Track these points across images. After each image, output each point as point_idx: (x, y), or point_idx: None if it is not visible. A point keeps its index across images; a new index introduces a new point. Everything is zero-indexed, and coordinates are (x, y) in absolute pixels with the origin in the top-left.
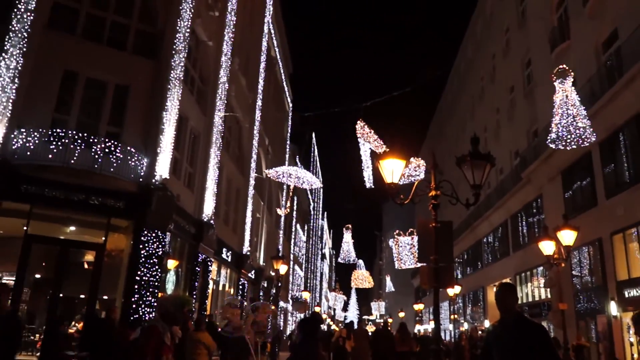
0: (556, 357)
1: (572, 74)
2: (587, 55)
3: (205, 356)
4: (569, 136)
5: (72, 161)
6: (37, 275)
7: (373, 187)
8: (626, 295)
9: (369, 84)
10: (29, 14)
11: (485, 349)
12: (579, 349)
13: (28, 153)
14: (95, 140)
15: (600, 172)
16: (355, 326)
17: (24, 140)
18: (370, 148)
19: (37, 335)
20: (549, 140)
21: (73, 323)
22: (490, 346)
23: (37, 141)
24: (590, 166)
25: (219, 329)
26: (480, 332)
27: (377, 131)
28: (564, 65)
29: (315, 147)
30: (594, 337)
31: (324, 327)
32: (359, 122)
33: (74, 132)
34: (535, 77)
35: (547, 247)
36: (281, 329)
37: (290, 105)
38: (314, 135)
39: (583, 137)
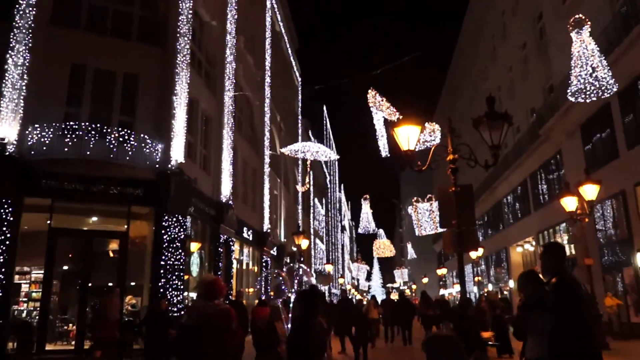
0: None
1: (589, 23)
2: (600, 3)
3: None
4: (589, 88)
5: (88, 153)
6: (65, 267)
7: (389, 155)
8: None
9: (378, 52)
10: (31, 9)
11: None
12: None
13: (44, 148)
14: (109, 130)
15: (620, 123)
16: (383, 296)
17: (39, 135)
18: (383, 116)
19: (70, 325)
20: (569, 93)
21: None
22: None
23: (51, 136)
24: (609, 117)
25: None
26: (500, 295)
27: (389, 99)
28: (580, 15)
29: (328, 120)
30: (621, 290)
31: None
32: (370, 91)
33: (87, 124)
34: (548, 31)
35: (569, 203)
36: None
37: (300, 80)
38: (325, 108)
39: (604, 88)
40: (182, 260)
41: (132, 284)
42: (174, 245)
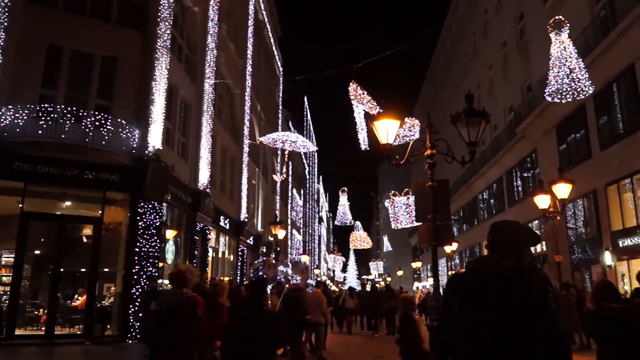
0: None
1: (568, 25)
2: (580, 6)
3: None
4: (566, 89)
5: (63, 136)
6: (37, 252)
7: (368, 149)
8: (620, 245)
9: (360, 45)
10: None
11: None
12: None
13: (17, 130)
14: (85, 114)
15: (594, 124)
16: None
17: (12, 117)
18: (363, 110)
19: (41, 310)
20: (547, 93)
21: (76, 296)
22: None
23: (25, 118)
24: (584, 119)
25: None
26: None
27: (370, 93)
28: (560, 17)
29: (308, 111)
30: (589, 287)
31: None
32: (351, 84)
33: (63, 107)
34: (528, 31)
35: (542, 201)
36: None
37: (281, 70)
38: (306, 99)
39: (581, 89)
40: (157, 248)
41: (106, 270)
42: (149, 232)
